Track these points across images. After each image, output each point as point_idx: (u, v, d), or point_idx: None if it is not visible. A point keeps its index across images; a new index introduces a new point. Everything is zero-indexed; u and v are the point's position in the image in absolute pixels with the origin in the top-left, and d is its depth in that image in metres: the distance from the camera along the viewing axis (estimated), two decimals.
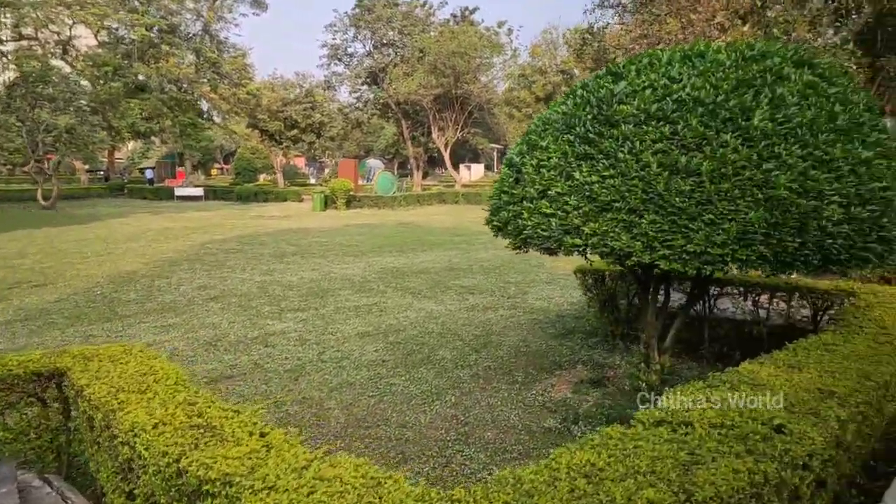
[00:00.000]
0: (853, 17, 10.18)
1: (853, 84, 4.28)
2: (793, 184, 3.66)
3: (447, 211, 31.19)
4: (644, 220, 3.88)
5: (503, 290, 10.12)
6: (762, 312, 6.15)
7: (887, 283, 7.96)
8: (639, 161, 3.93)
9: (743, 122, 3.79)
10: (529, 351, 6.73)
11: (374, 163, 59.49)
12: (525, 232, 4.53)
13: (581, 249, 4.26)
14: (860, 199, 3.75)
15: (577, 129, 4.30)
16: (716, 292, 6.39)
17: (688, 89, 4.00)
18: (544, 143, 4.50)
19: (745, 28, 8.89)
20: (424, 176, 59.20)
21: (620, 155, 4.00)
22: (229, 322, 8.08)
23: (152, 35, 38.87)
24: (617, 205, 3.98)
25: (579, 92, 4.64)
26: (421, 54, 39.86)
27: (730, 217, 3.71)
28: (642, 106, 4.07)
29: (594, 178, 4.08)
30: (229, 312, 8.63)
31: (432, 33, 41.16)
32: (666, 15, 9.73)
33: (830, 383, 3.22)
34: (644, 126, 4.00)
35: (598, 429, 2.83)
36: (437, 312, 8.58)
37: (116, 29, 39.85)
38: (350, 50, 45.91)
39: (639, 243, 3.89)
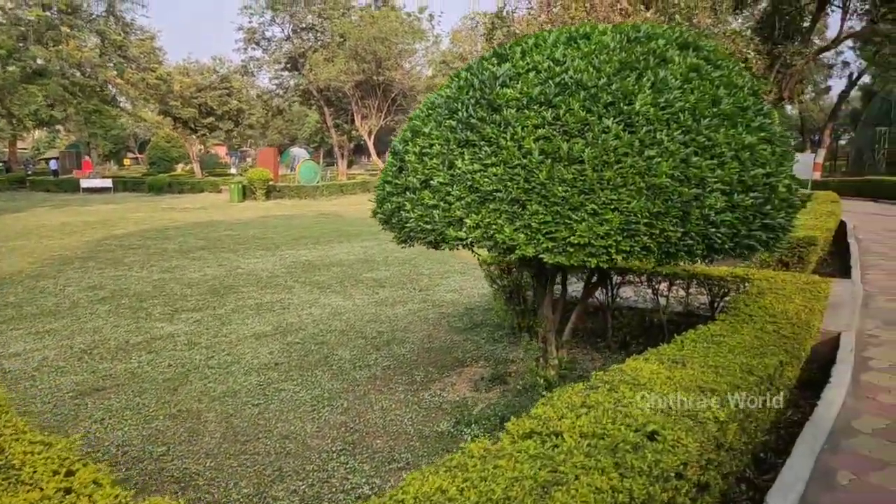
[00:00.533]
0: (751, 5, 10.38)
1: (738, 67, 4.18)
2: (674, 171, 3.50)
3: (370, 200, 30.60)
4: (527, 211, 3.64)
5: (415, 283, 9.84)
6: (662, 300, 6.11)
7: (784, 267, 8.16)
8: (521, 148, 3.69)
9: (625, 107, 3.61)
10: (433, 347, 6.47)
11: (298, 152, 57.80)
12: (408, 225, 4.23)
13: (465, 243, 4.00)
14: (743, 185, 3.64)
15: (460, 113, 4.02)
16: (618, 281, 6.31)
17: (571, 72, 3.78)
18: (427, 129, 4.20)
19: (649, 14, 8.89)
20: (350, 165, 58.21)
21: (502, 142, 3.75)
22: (113, 326, 7.43)
23: (51, 16, 36.18)
24: (499, 195, 3.73)
25: (463, 74, 4.36)
26: (342, 39, 38.88)
27: (613, 207, 3.52)
28: (525, 89, 3.82)
29: (476, 166, 3.81)
30: (116, 315, 7.97)
31: (353, 18, 40.20)
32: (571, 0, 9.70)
33: (712, 380, 3.08)
34: (526, 111, 3.76)
35: (492, 433, 2.57)
36: (343, 308, 8.20)
37: (12, 9, 36.86)
38: (268, 34, 44.34)
39: (522, 235, 3.66)
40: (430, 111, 4.36)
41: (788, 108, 34.09)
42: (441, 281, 9.90)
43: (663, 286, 6.16)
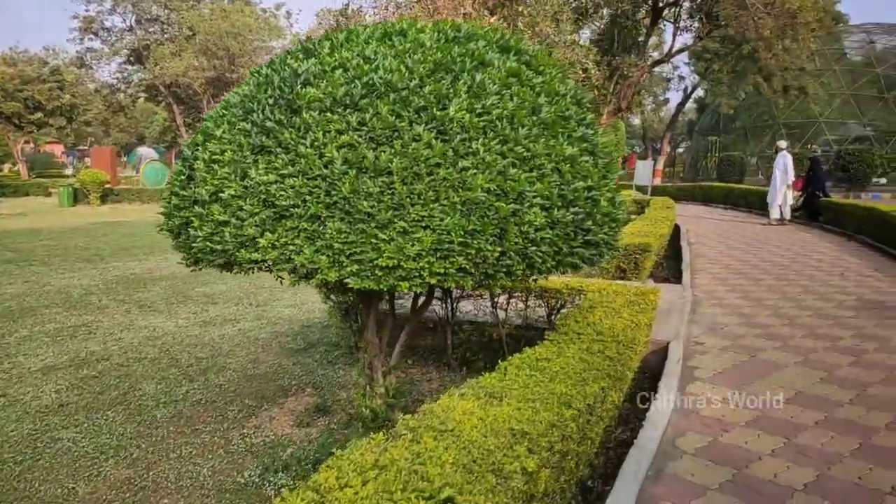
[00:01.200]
0: (592, 17, 10.66)
1: (561, 74, 3.97)
2: (491, 184, 3.17)
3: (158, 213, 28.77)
4: (329, 230, 3.16)
5: (253, 297, 9.05)
6: (501, 314, 5.89)
7: (622, 273, 8.35)
8: (322, 156, 3.20)
9: (438, 112, 3.23)
10: (257, 374, 5.81)
11: (145, 151, 53.32)
12: (195, 244, 3.59)
13: (262, 265, 3.44)
14: (563, 200, 3.40)
15: (256, 115, 3.46)
16: (458, 294, 6.02)
17: (381, 72, 3.35)
18: (219, 133, 3.59)
19: (493, 19, 8.79)
20: None
21: (301, 149, 3.23)
22: None
23: None
24: (297, 210, 3.21)
25: (265, 70, 3.80)
26: (190, 33, 36.40)
27: (424, 224, 3.12)
28: (330, 89, 3.33)
29: (272, 177, 3.26)
30: None
31: (203, 11, 37.77)
32: (415, 1, 9.41)
33: (527, 419, 2.77)
34: (329, 114, 3.28)
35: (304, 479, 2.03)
36: (162, 331, 7.27)
37: None
38: (108, 24, 40.58)
39: (324, 257, 3.17)
40: (225, 112, 3.75)
41: (633, 118, 36.50)
42: (283, 294, 9.18)
43: (502, 299, 5.95)
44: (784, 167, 14.99)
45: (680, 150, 53.39)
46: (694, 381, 4.87)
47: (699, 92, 40.64)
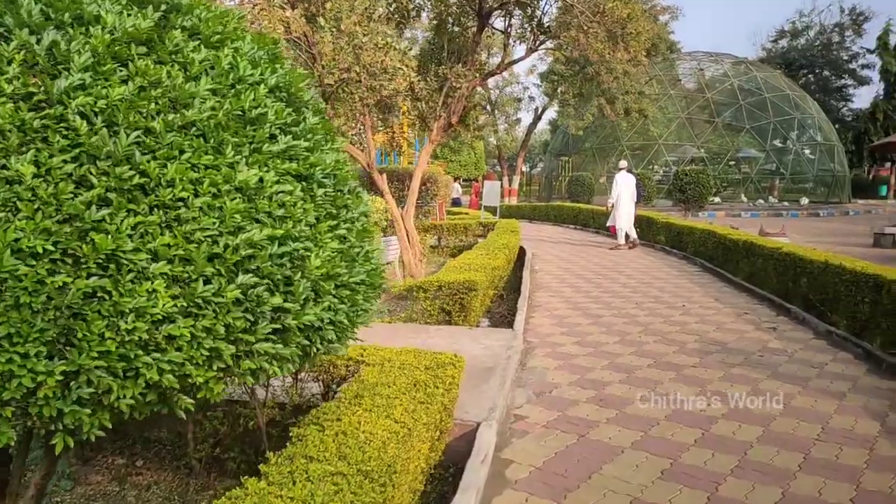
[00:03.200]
0: (415, 19, 9.47)
1: (268, 50, 2.51)
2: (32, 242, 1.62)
3: None
4: None
5: None
6: (261, 391, 4.30)
7: (447, 316, 7.05)
8: None
9: None
10: None
11: None
12: None
13: None
14: (224, 264, 1.92)
15: None
16: None
17: None
18: None
19: (291, 13, 7.30)
20: None
21: None
22: None
23: None
24: None
25: None
26: None
27: None
28: None
29: None
30: None
31: None
32: None
33: None
34: None
35: None
36: None
37: None
38: None
39: None
40: None
41: (490, 137, 36.46)
42: None
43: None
44: (631, 187, 14.70)
45: (537, 169, 54.78)
46: (505, 488, 3.56)
47: (552, 113, 41.70)
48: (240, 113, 2.15)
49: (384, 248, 10.97)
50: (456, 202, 29.25)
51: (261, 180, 2.08)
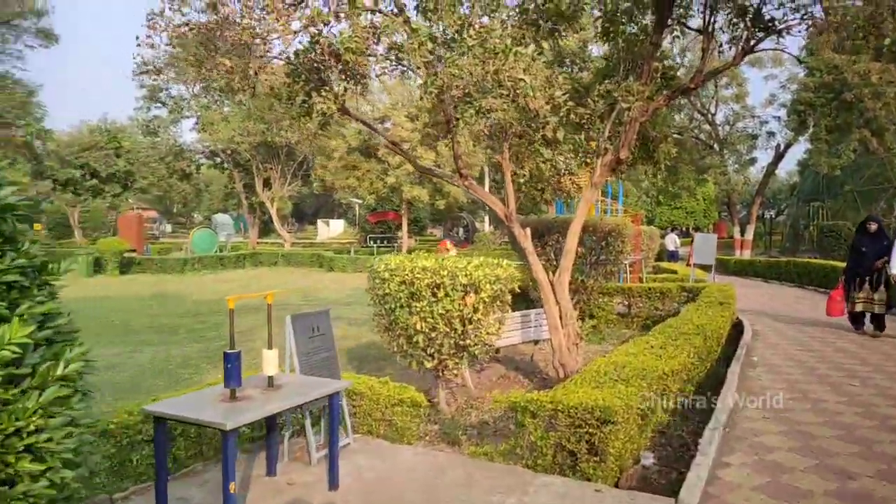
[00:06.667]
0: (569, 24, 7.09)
1: None
2: None
3: (253, 276, 26.63)
4: None
5: None
6: None
7: (573, 458, 4.40)
8: None
9: None
10: None
11: (222, 219, 52.98)
12: None
13: None
14: None
15: None
16: None
17: None
18: None
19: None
20: (265, 233, 54.23)
21: None
22: None
23: None
24: None
25: None
26: (242, 98, 35.64)
27: None
28: None
29: None
30: None
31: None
32: None
33: None
34: None
35: None
36: None
37: None
38: (174, 92, 40.94)
39: None
40: None
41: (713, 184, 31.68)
42: None
43: None
44: None
45: (782, 216, 47.05)
46: None
47: (799, 151, 35.36)
48: None
49: (513, 323, 8.48)
50: (672, 256, 25.34)
51: None
